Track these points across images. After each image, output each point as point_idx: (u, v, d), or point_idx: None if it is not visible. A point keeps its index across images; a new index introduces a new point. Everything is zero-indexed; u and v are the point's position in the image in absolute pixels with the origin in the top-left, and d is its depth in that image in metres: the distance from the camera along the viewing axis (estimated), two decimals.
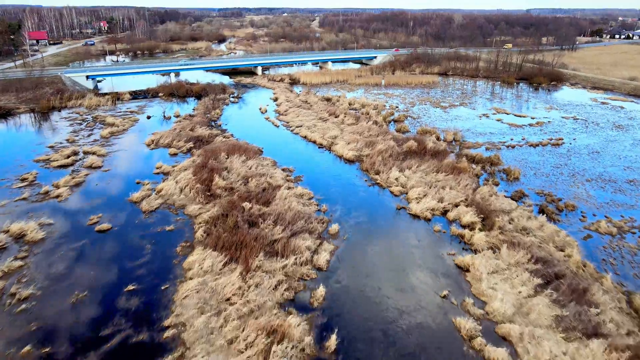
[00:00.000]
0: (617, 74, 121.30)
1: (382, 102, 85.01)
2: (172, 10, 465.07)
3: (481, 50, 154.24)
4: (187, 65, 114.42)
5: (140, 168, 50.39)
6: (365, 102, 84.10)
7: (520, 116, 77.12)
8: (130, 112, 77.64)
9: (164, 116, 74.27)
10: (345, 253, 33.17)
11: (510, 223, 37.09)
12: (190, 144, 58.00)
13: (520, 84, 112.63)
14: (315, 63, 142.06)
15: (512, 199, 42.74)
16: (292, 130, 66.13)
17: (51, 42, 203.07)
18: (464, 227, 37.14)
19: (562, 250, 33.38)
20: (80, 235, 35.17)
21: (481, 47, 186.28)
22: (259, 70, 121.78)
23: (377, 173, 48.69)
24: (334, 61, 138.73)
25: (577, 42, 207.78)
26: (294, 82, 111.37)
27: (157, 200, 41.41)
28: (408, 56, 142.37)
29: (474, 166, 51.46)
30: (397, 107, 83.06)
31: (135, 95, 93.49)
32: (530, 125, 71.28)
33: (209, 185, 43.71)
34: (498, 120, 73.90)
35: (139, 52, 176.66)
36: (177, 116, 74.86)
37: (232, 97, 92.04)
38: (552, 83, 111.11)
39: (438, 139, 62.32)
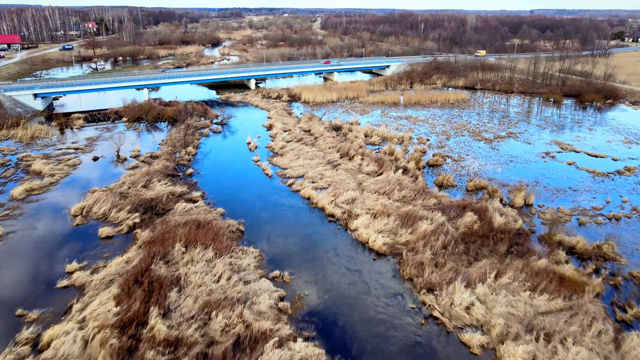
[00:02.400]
0: None
1: (407, 134, 65.39)
2: (167, 11, 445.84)
3: (516, 57, 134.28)
4: (165, 79, 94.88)
5: (41, 274, 30.92)
6: (386, 134, 64.60)
7: (596, 156, 57.57)
8: (75, 148, 58.17)
9: (117, 157, 54.84)
10: None
11: None
12: (136, 217, 38.50)
13: (567, 102, 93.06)
14: (318, 73, 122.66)
15: None
16: (290, 185, 46.62)
17: (26, 46, 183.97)
18: None
19: None
20: None
21: (501, 53, 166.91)
22: (252, 83, 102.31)
23: (430, 289, 29.16)
24: (340, 71, 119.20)
25: (608, 47, 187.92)
26: (293, 99, 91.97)
27: None
28: (426, 65, 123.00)
29: (578, 265, 32.09)
30: (427, 140, 63.57)
31: (93, 118, 74.26)
32: (619, 173, 51.70)
33: (139, 332, 24.26)
34: (570, 164, 54.37)
35: (120, 58, 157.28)
36: (136, 156, 55.48)
37: (215, 122, 72.61)
38: (608, 102, 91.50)
39: (502, 201, 42.87)
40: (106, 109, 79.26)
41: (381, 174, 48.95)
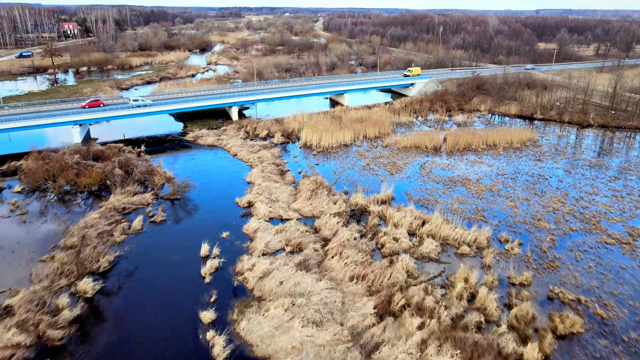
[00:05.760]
0: None
1: (482, 232, 37.87)
2: (159, 10, 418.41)
3: (559, 68, 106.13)
4: (109, 111, 66.68)
5: None
6: (445, 232, 37.32)
7: None
8: None
9: None
10: None
11: None
12: None
13: None
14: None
15: None
16: None
17: None
18: None
19: None
20: None
21: (538, 63, 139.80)
22: (235, 112, 75.04)
23: None
24: (352, 91, 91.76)
25: None
26: (289, 138, 64.94)
27: None
28: (462, 83, 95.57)
29: None
30: (520, 243, 36.30)
31: None
32: None
33: None
34: None
35: (85, 68, 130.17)
36: None
37: (162, 197, 45.46)
38: None
39: None
40: (5, 159, 52.67)
41: None
